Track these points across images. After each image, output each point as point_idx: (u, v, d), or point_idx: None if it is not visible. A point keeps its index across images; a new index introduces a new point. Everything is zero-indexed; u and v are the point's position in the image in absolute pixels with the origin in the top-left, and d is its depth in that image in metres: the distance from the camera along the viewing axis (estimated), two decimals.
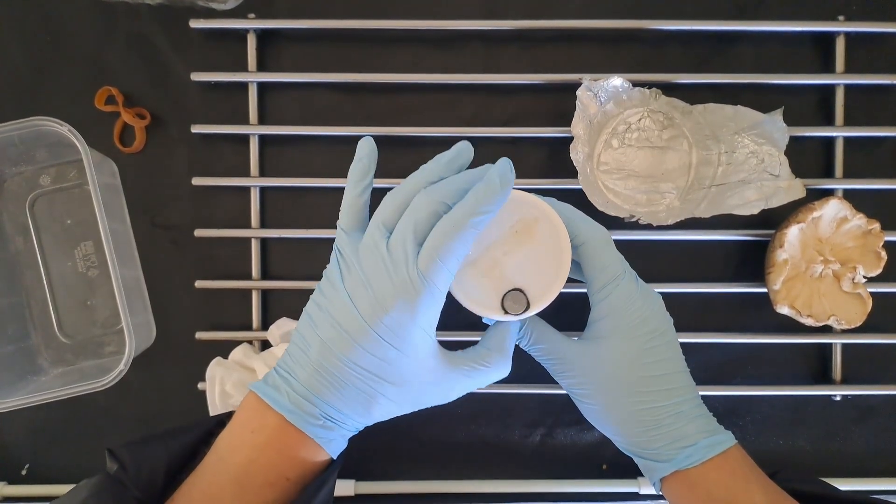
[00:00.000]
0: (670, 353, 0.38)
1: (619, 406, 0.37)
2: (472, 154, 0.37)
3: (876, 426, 0.53)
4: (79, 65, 0.51)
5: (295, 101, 0.52)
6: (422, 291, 0.33)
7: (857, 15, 0.51)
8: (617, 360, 0.37)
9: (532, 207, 0.37)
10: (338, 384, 0.34)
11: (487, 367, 0.37)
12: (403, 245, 0.33)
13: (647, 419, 0.37)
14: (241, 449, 0.34)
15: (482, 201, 0.34)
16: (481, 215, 0.33)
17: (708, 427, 0.37)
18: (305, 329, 0.35)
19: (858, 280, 0.48)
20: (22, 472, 0.52)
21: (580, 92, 0.47)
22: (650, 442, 0.37)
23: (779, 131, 0.47)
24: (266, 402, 0.34)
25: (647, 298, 0.38)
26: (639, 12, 0.51)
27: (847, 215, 0.48)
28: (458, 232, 0.33)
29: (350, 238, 0.35)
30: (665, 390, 0.37)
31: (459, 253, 0.34)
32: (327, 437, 0.35)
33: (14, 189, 0.51)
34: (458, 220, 0.33)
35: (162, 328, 0.52)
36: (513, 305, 0.37)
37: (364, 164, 0.36)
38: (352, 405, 0.34)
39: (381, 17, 0.51)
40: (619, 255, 0.39)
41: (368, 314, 0.33)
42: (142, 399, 0.52)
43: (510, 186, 0.35)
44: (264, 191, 0.52)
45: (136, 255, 0.52)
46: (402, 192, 0.35)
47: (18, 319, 0.51)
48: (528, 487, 0.51)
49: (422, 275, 0.33)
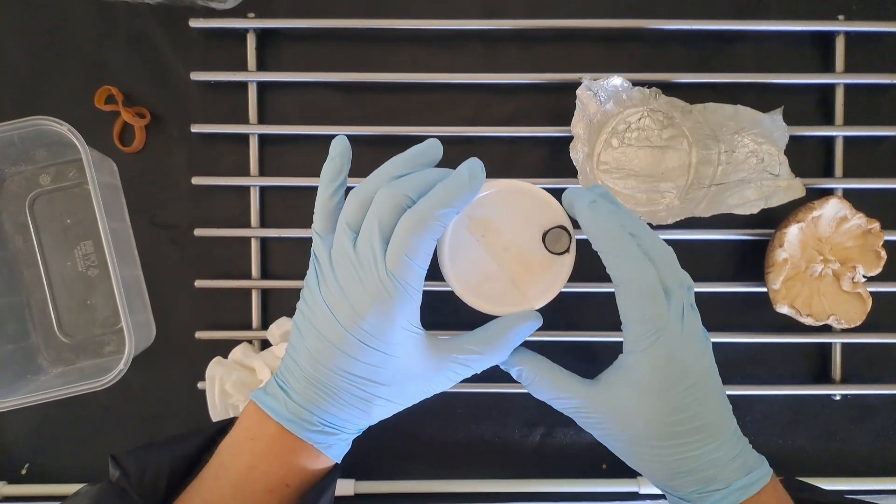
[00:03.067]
0: (710, 402, 0.34)
1: (647, 455, 0.35)
2: (441, 153, 0.36)
3: (875, 426, 0.53)
4: (78, 64, 0.51)
5: (295, 101, 0.52)
6: (394, 293, 0.32)
7: (856, 14, 0.51)
8: (648, 417, 0.34)
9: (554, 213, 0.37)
10: (332, 393, 0.34)
11: (481, 357, 0.35)
12: (370, 246, 0.32)
13: (678, 467, 0.34)
14: (242, 456, 0.34)
15: (449, 196, 0.32)
16: (447, 208, 0.32)
17: (744, 466, 0.34)
18: (295, 339, 0.35)
19: (858, 279, 0.48)
20: (21, 472, 0.52)
21: (580, 91, 0.47)
22: (681, 486, 0.35)
23: (779, 130, 0.47)
24: (265, 411, 0.34)
25: (689, 346, 0.34)
26: (638, 12, 0.51)
27: (847, 214, 0.48)
28: (424, 227, 0.32)
29: (324, 242, 0.35)
30: (699, 440, 0.34)
31: (428, 248, 0.33)
32: (327, 442, 0.34)
33: (14, 188, 0.51)
34: (424, 214, 0.32)
35: (162, 328, 0.52)
36: (554, 243, 0.36)
37: (336, 164, 0.35)
38: (349, 411, 0.34)
39: (380, 16, 0.50)
40: (662, 300, 0.34)
41: (347, 322, 0.33)
42: (141, 398, 0.52)
43: (479, 183, 0.34)
44: (264, 190, 0.52)
45: (136, 255, 0.52)
46: (364, 188, 0.34)
47: (18, 319, 0.51)
48: (527, 487, 0.51)
49: (392, 275, 0.32)
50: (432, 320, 0.51)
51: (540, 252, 0.37)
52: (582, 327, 0.51)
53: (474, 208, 0.37)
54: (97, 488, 0.34)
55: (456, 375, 0.36)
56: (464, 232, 0.37)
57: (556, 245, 0.36)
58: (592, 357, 0.52)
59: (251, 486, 0.34)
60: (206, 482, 0.34)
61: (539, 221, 0.37)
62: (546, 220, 0.37)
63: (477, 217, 0.37)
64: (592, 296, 0.51)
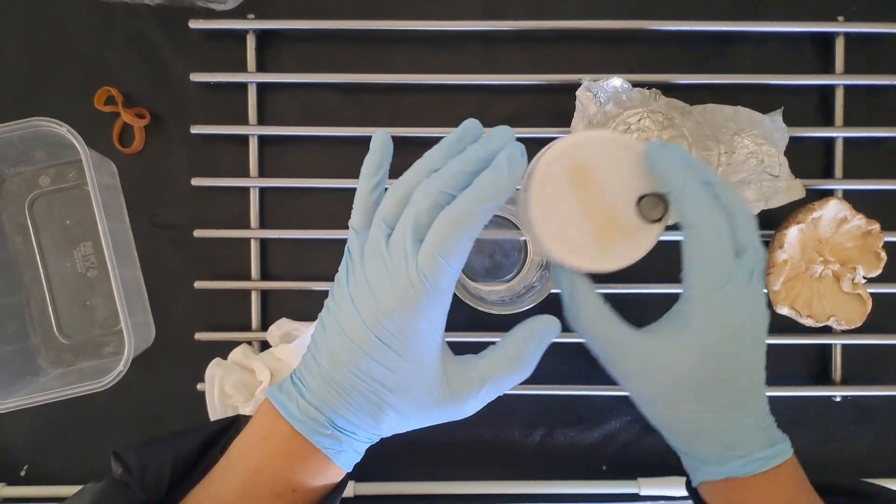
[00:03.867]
0: (752, 369, 0.34)
1: (676, 410, 0.34)
2: (482, 132, 0.34)
3: (876, 427, 0.52)
4: (78, 65, 0.51)
5: (294, 102, 0.52)
6: (422, 293, 0.31)
7: (856, 15, 0.51)
8: (688, 369, 0.33)
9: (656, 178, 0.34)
10: (345, 394, 0.32)
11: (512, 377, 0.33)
12: (403, 243, 0.31)
13: (705, 427, 0.34)
14: (251, 455, 0.34)
15: (488, 191, 0.30)
16: (487, 204, 0.31)
17: (768, 439, 0.34)
18: (318, 335, 0.34)
19: (858, 280, 0.48)
20: (21, 473, 0.52)
21: (580, 92, 0.47)
22: (701, 448, 0.34)
23: (778, 131, 0.47)
24: (277, 409, 0.33)
25: (751, 307, 0.33)
26: (638, 13, 0.51)
27: (847, 216, 0.48)
28: (461, 226, 0.30)
29: (359, 237, 0.33)
30: (732, 404, 0.33)
31: (464, 248, 0.31)
32: (336, 448, 0.33)
33: (13, 189, 0.51)
34: (460, 214, 0.30)
35: (161, 329, 0.52)
36: (649, 209, 0.33)
37: (376, 158, 0.34)
38: (360, 416, 0.33)
39: (380, 17, 0.51)
40: (731, 252, 0.32)
41: (370, 319, 0.31)
42: (141, 400, 0.52)
43: (520, 173, 0.31)
44: (264, 191, 0.52)
45: (136, 256, 0.52)
46: (403, 183, 0.33)
47: (17, 320, 0.51)
48: (527, 488, 0.51)
49: (422, 274, 0.31)
50: None
51: (630, 214, 0.34)
52: None
53: (577, 152, 0.35)
54: (101, 485, 0.34)
55: (486, 399, 0.34)
56: (559, 174, 0.35)
57: (650, 212, 0.33)
58: None
59: (258, 488, 0.33)
60: (216, 481, 0.34)
61: (638, 183, 0.34)
62: (646, 184, 0.34)
63: (577, 162, 0.35)
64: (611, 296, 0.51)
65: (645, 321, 0.36)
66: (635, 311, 0.52)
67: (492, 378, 0.33)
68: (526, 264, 0.50)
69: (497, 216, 0.50)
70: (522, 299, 0.44)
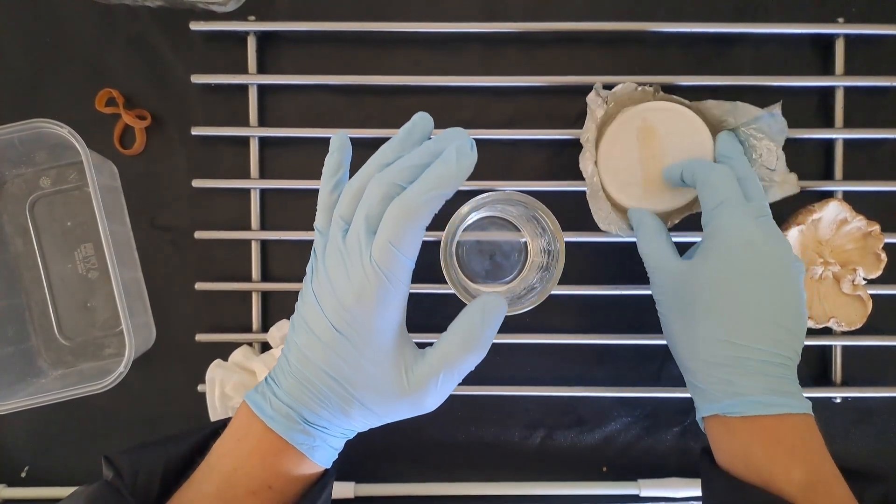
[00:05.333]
0: (774, 297, 0.35)
1: (689, 330, 0.36)
2: (431, 124, 0.35)
3: (876, 428, 0.52)
4: (79, 67, 0.51)
5: (295, 104, 0.52)
6: (376, 284, 0.31)
7: (856, 17, 0.51)
8: (701, 282, 0.36)
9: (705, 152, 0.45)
10: (315, 389, 0.33)
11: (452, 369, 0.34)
12: (357, 236, 0.32)
13: (712, 353, 0.35)
14: (228, 457, 0.34)
15: (436, 182, 0.31)
16: (435, 193, 0.31)
17: (777, 387, 0.34)
18: (289, 336, 0.35)
19: (858, 282, 0.48)
20: (21, 475, 0.52)
21: (589, 98, 0.47)
22: (704, 377, 0.35)
23: (777, 125, 0.47)
24: (252, 409, 0.34)
25: (763, 230, 0.36)
26: (638, 14, 0.51)
27: (847, 217, 0.48)
28: (411, 215, 0.31)
29: (322, 237, 0.35)
30: (748, 333, 0.34)
31: (415, 237, 0.32)
32: (310, 443, 0.34)
33: (14, 191, 0.51)
34: (410, 203, 0.31)
35: (162, 330, 0.52)
36: None
37: (335, 160, 0.35)
38: (330, 410, 0.33)
39: (381, 19, 0.51)
40: (738, 189, 0.38)
41: (332, 314, 0.32)
42: (142, 401, 0.52)
43: (469, 165, 0.32)
44: (264, 193, 0.52)
45: (136, 257, 0.52)
46: (358, 178, 0.34)
47: (18, 321, 0.51)
48: (527, 490, 0.51)
49: (376, 265, 0.31)
50: (430, 322, 0.51)
51: None
52: (602, 330, 0.51)
53: (650, 115, 0.45)
54: (92, 488, 0.34)
55: (448, 388, 0.35)
56: (631, 127, 0.45)
57: None
58: (613, 360, 0.52)
59: (234, 488, 0.33)
60: (194, 484, 0.34)
61: (690, 150, 0.44)
62: (696, 152, 0.44)
63: (647, 123, 0.45)
64: (610, 298, 0.51)
65: (646, 320, 0.37)
66: (636, 312, 0.52)
67: (445, 366, 0.34)
68: (526, 266, 0.50)
69: (497, 217, 0.50)
70: (523, 300, 0.44)
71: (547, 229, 0.44)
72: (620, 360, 0.52)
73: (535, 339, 0.51)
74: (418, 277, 0.48)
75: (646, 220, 0.42)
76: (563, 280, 0.42)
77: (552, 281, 0.43)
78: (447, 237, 0.42)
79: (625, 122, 0.45)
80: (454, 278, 0.42)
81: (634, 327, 0.50)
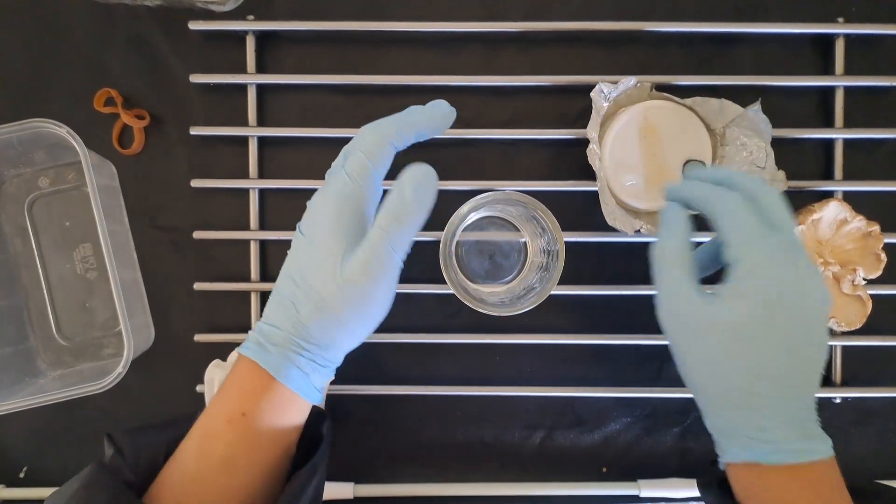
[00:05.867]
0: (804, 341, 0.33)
1: (715, 379, 0.34)
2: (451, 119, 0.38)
3: (876, 429, 0.52)
4: (78, 66, 0.51)
5: (294, 103, 0.52)
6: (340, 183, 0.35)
7: (856, 17, 0.51)
8: (729, 330, 0.33)
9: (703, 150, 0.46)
10: (280, 299, 0.35)
11: (385, 250, 0.34)
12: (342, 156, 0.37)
13: (742, 402, 0.33)
14: (212, 402, 0.35)
15: (410, 120, 0.37)
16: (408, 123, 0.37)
17: (806, 431, 0.33)
18: None
19: (858, 282, 0.48)
20: (20, 475, 0.52)
21: (593, 94, 0.47)
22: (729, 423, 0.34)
23: (763, 122, 0.47)
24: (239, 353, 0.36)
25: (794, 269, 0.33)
26: (637, 14, 0.51)
27: (847, 217, 0.48)
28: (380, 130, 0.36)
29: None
30: (780, 382, 0.32)
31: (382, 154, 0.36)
32: (273, 362, 0.34)
33: (12, 191, 0.51)
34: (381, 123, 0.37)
35: (161, 330, 0.52)
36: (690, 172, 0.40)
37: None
38: (281, 311, 0.35)
39: (380, 18, 0.51)
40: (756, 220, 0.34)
41: (302, 220, 0.36)
42: (140, 401, 0.52)
43: (444, 114, 0.37)
44: (263, 193, 0.52)
45: (135, 257, 0.52)
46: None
47: (17, 321, 0.51)
48: (527, 490, 0.51)
49: (344, 171, 0.35)
50: (431, 322, 0.51)
51: (676, 171, 0.46)
52: (602, 330, 0.51)
53: (652, 113, 0.46)
54: (87, 471, 0.34)
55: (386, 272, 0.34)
56: (634, 125, 0.46)
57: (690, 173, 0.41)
58: (613, 360, 0.52)
59: (212, 421, 0.34)
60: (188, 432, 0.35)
61: (690, 148, 0.45)
62: (695, 150, 0.45)
63: (650, 121, 0.45)
64: (610, 299, 0.51)
65: (645, 321, 0.36)
66: (636, 312, 0.52)
67: (379, 244, 0.34)
68: (525, 266, 0.50)
69: (496, 217, 0.50)
70: (522, 300, 0.44)
71: (546, 229, 0.44)
72: (620, 361, 0.52)
73: (534, 340, 0.51)
74: (418, 277, 0.49)
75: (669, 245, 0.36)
76: (562, 280, 0.42)
77: (552, 281, 0.43)
78: (447, 237, 0.42)
79: (627, 120, 0.46)
80: (454, 278, 0.42)
81: (634, 327, 0.50)
